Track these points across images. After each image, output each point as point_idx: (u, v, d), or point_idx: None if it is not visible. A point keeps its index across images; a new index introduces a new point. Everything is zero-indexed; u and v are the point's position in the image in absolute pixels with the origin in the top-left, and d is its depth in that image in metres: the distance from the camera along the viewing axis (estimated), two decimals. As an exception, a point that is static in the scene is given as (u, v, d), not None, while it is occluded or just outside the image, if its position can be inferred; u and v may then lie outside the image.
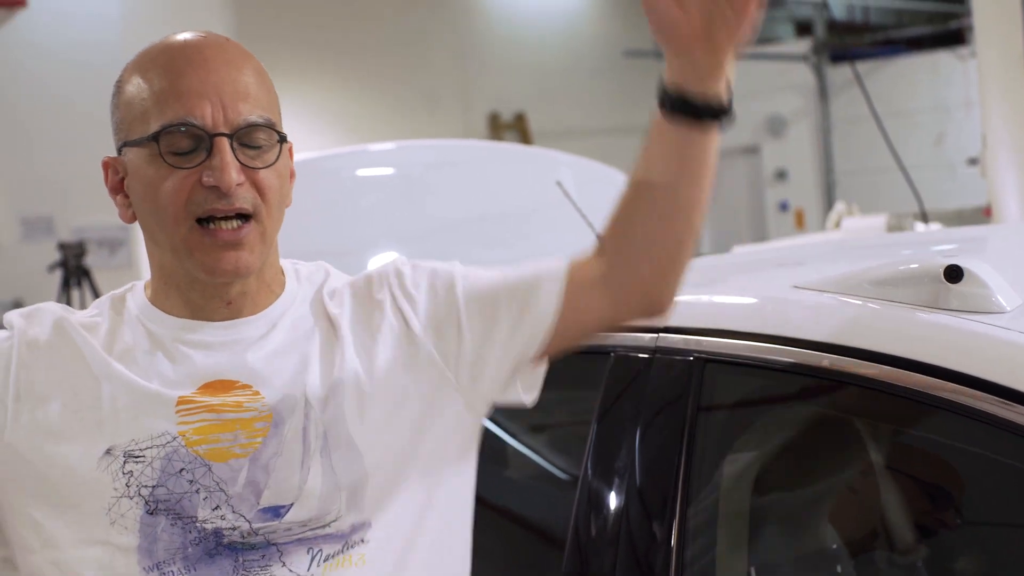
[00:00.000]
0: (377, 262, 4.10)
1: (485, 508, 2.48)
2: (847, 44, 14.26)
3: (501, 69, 13.76)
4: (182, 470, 1.48)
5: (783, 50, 14.35)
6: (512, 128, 13.90)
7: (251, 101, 1.51)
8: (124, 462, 1.48)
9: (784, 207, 14.66)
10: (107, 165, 1.57)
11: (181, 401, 1.49)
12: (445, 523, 1.60)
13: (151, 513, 1.48)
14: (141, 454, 1.48)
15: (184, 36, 1.55)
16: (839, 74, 14.13)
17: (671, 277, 1.59)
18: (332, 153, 4.80)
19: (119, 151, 1.54)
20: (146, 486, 1.48)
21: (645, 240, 1.57)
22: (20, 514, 1.51)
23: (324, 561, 1.50)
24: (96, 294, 8.92)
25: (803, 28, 15.36)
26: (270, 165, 1.50)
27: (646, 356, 1.92)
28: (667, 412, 1.86)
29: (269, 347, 1.54)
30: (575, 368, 2.20)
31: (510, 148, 4.58)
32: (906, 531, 1.69)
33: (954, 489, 1.67)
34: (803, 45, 14.43)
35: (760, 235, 14.22)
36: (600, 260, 1.59)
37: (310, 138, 11.74)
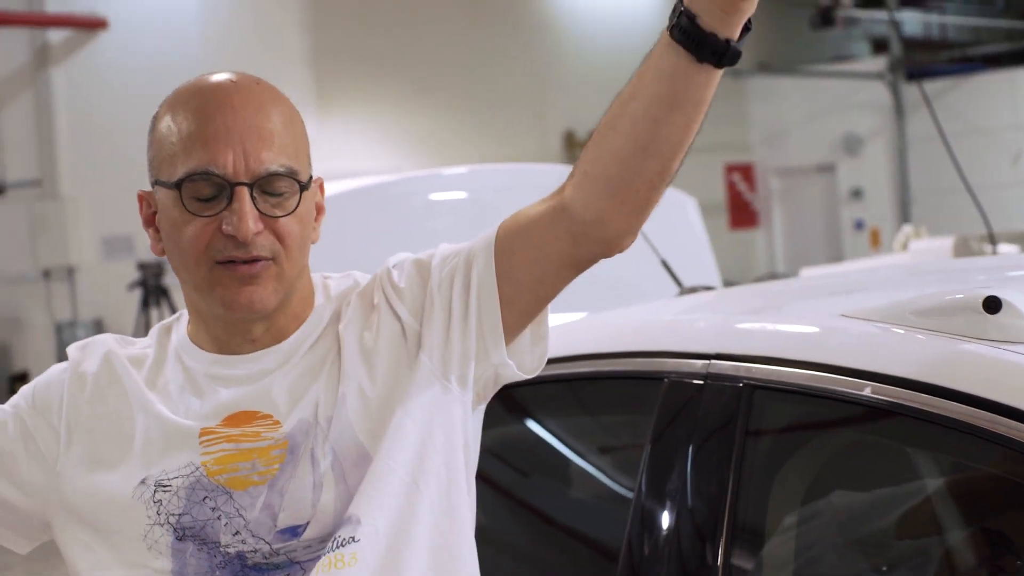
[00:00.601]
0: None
1: (546, 523, 2.55)
2: (923, 62, 14.17)
3: (576, 88, 13.82)
4: (205, 498, 1.54)
5: (858, 68, 14.30)
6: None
7: (275, 149, 1.53)
8: (155, 491, 1.56)
9: (859, 226, 14.57)
10: (141, 199, 1.61)
11: (203, 432, 1.55)
12: (444, 519, 1.57)
13: (180, 539, 1.55)
14: (169, 483, 1.55)
15: (217, 78, 1.57)
16: (915, 92, 14.05)
17: (636, 216, 1.52)
18: (405, 177, 4.90)
19: (153, 186, 1.58)
20: (174, 514, 1.55)
21: (616, 173, 1.48)
22: (72, 537, 1.60)
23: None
24: (174, 312, 9.08)
25: (879, 46, 15.27)
26: (289, 213, 1.52)
27: (698, 382, 1.97)
28: (717, 437, 1.91)
29: (291, 375, 1.58)
30: (630, 393, 2.27)
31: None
32: (950, 556, 1.73)
33: (998, 520, 1.71)
34: (879, 63, 14.36)
35: (835, 253, 14.15)
36: (564, 191, 1.51)
37: (385, 157, 11.88)
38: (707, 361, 1.97)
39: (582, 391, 2.37)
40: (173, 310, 9.39)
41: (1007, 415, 1.54)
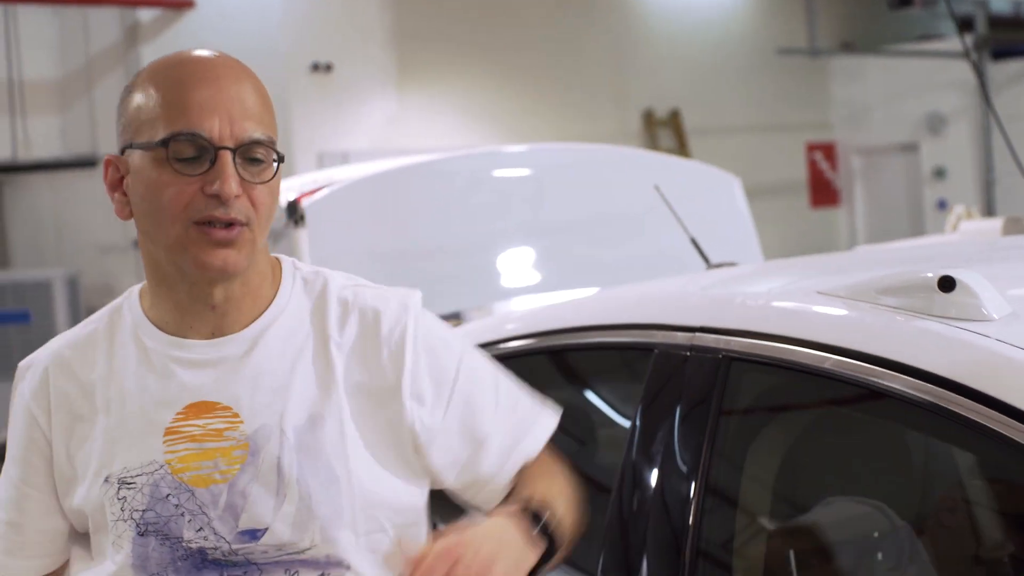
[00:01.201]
0: (505, 261, 4.31)
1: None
2: (1009, 40, 13.96)
3: (656, 67, 13.84)
4: (168, 495, 1.58)
5: (943, 47, 14.13)
6: (666, 125, 13.98)
7: (255, 120, 1.59)
8: (118, 488, 1.60)
9: (942, 205, 14.42)
10: (109, 163, 1.63)
11: (168, 432, 1.59)
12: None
13: (142, 535, 1.59)
14: (132, 481, 1.60)
15: (198, 53, 1.63)
16: (1000, 71, 13.87)
17: None
18: (464, 154, 5.01)
19: (122, 151, 1.61)
20: (137, 510, 1.59)
21: None
22: (86, 539, 1.69)
23: None
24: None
25: (965, 24, 15.06)
26: (266, 182, 1.59)
27: (684, 353, 2.09)
28: (698, 405, 2.02)
29: (252, 367, 1.61)
30: (626, 362, 2.39)
31: (628, 152, 4.72)
32: (892, 515, 1.83)
33: (945, 486, 1.80)
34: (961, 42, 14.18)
35: (917, 233, 14.01)
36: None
37: (463, 136, 12.01)
38: (691, 334, 2.08)
39: (588, 359, 2.50)
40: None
41: (952, 389, 1.63)
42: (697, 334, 2.07)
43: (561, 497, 1.67)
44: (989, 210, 13.80)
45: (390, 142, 11.21)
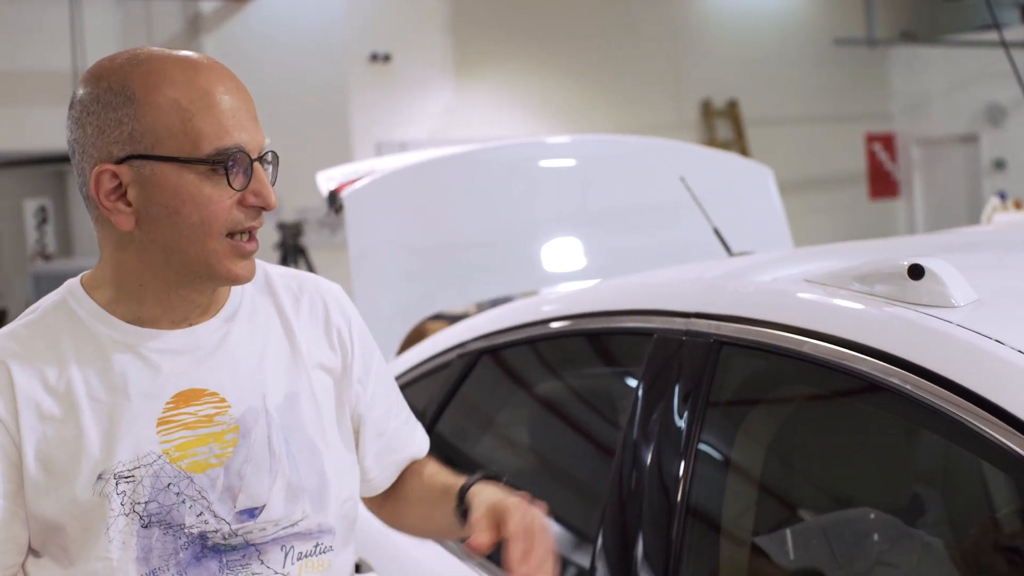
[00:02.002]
0: (541, 250, 4.41)
1: (550, 462, 2.79)
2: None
3: (714, 56, 13.85)
4: (169, 484, 1.61)
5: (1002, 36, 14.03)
6: (724, 115, 14.00)
7: (260, 125, 1.64)
8: (116, 483, 1.59)
9: (1002, 197, 14.33)
10: (103, 172, 1.58)
11: (160, 422, 1.61)
12: (354, 542, 1.81)
13: (146, 527, 1.60)
14: (131, 474, 1.59)
15: (195, 56, 1.63)
16: (1061, 62, 13.76)
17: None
18: (506, 144, 5.11)
19: (121, 160, 1.58)
20: (139, 503, 1.60)
21: (400, 521, 1.97)
22: (47, 546, 1.63)
23: (298, 559, 1.68)
24: (311, 271, 9.45)
25: (1028, 14, 14.94)
26: (273, 184, 1.64)
27: (680, 338, 2.19)
28: (691, 387, 2.12)
29: (228, 352, 1.68)
30: (628, 346, 2.49)
31: (664, 144, 4.80)
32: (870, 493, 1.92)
33: (901, 466, 1.89)
34: (1023, 31, 14.09)
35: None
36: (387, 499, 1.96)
37: (520, 125, 12.11)
38: (687, 319, 2.18)
39: (594, 344, 2.61)
40: (310, 268, 9.77)
41: (916, 373, 1.71)
42: (692, 319, 2.17)
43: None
44: (1050, 202, 13.67)
45: (448, 132, 11.33)
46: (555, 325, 2.68)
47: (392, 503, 1.96)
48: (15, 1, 10.41)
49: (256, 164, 1.61)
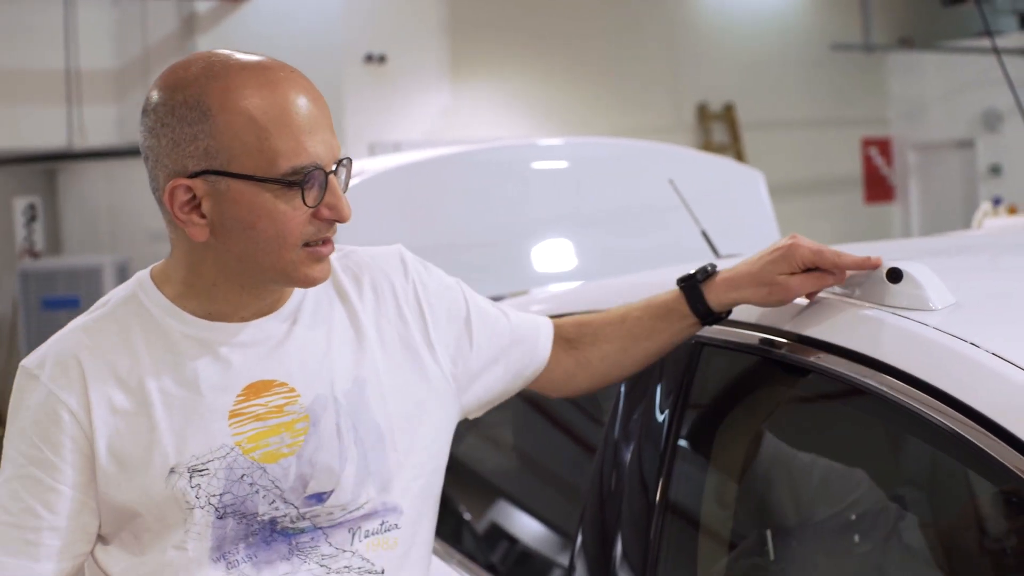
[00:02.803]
0: (533, 251, 4.42)
1: (529, 460, 2.79)
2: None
3: (711, 60, 13.87)
4: (243, 476, 1.65)
5: (1000, 43, 14.04)
6: (721, 119, 14.01)
7: (334, 133, 1.65)
8: (191, 477, 1.63)
9: (997, 203, 14.35)
10: (177, 187, 1.61)
11: (232, 415, 1.65)
12: (433, 516, 1.84)
13: (221, 517, 1.64)
14: (204, 467, 1.64)
15: (271, 66, 1.63)
16: (1058, 68, 13.77)
17: (602, 386, 2.03)
18: (498, 146, 5.12)
19: (195, 174, 1.60)
20: (214, 495, 1.64)
21: (603, 363, 1.99)
22: (119, 534, 1.68)
23: (365, 538, 1.71)
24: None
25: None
26: (344, 191, 1.65)
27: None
28: (673, 388, 2.12)
29: (295, 342, 1.71)
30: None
31: (656, 147, 4.81)
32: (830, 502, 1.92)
33: (889, 470, 1.90)
34: (1022, 38, 14.10)
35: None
36: (570, 344, 1.99)
37: (517, 126, 12.11)
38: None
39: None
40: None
41: (895, 376, 1.71)
42: (674, 321, 2.17)
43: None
44: (1045, 208, 13.70)
45: (443, 133, 11.33)
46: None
47: (581, 369, 2.00)
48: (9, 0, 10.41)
49: (331, 177, 1.63)
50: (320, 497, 1.69)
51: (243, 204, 1.60)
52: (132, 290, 1.73)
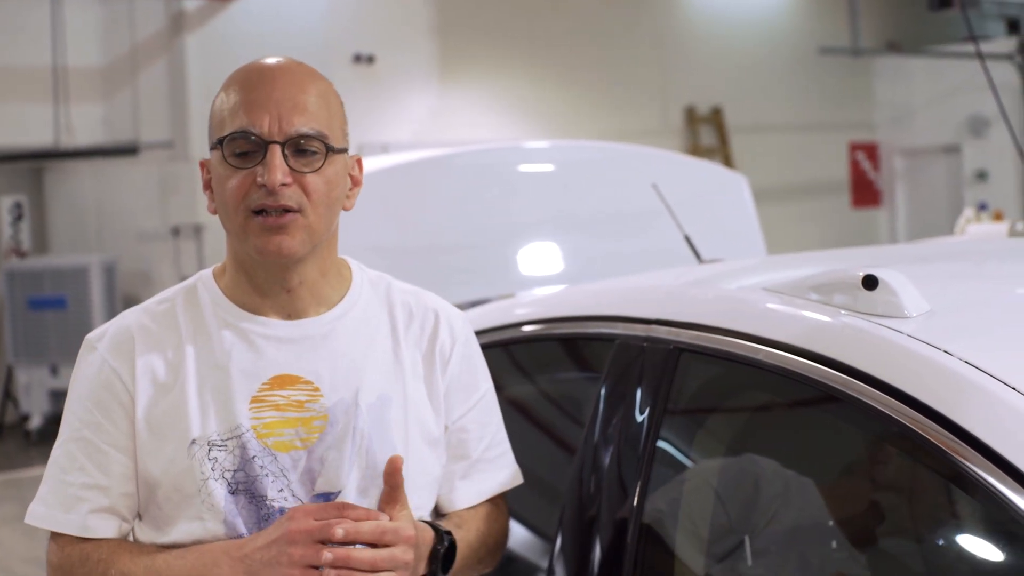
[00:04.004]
0: (517, 254, 4.43)
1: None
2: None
3: (699, 64, 13.90)
4: (254, 457, 1.75)
5: (986, 48, 14.10)
6: (708, 122, 14.05)
7: (307, 115, 1.76)
8: (209, 450, 1.74)
9: (983, 208, 14.41)
10: (203, 166, 1.84)
11: (254, 400, 1.76)
12: None
13: (232, 492, 1.74)
14: (223, 444, 1.75)
15: (267, 60, 1.81)
16: (1043, 74, 13.84)
17: None
18: (484, 148, 5.12)
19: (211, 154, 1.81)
20: (228, 470, 1.74)
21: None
22: (147, 506, 1.80)
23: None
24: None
25: (1013, 25, 15.01)
26: (316, 170, 1.75)
27: (641, 344, 2.20)
28: (651, 393, 2.14)
29: (332, 346, 1.81)
30: (593, 351, 2.50)
31: (640, 151, 4.82)
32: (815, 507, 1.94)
33: (861, 474, 1.91)
34: (1009, 44, 14.16)
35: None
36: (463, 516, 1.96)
37: (505, 128, 12.12)
38: (648, 326, 2.20)
39: (561, 349, 2.62)
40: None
41: (870, 383, 1.72)
42: (653, 326, 2.18)
43: (479, 542, 1.93)
44: (1030, 213, 13.76)
45: (431, 134, 11.35)
46: (525, 329, 2.70)
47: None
48: (-2, -3, 10.39)
49: (271, 147, 1.74)
50: (327, 497, 1.76)
51: (214, 174, 1.80)
52: (193, 283, 1.88)
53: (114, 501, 1.78)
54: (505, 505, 2.03)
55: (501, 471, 2.00)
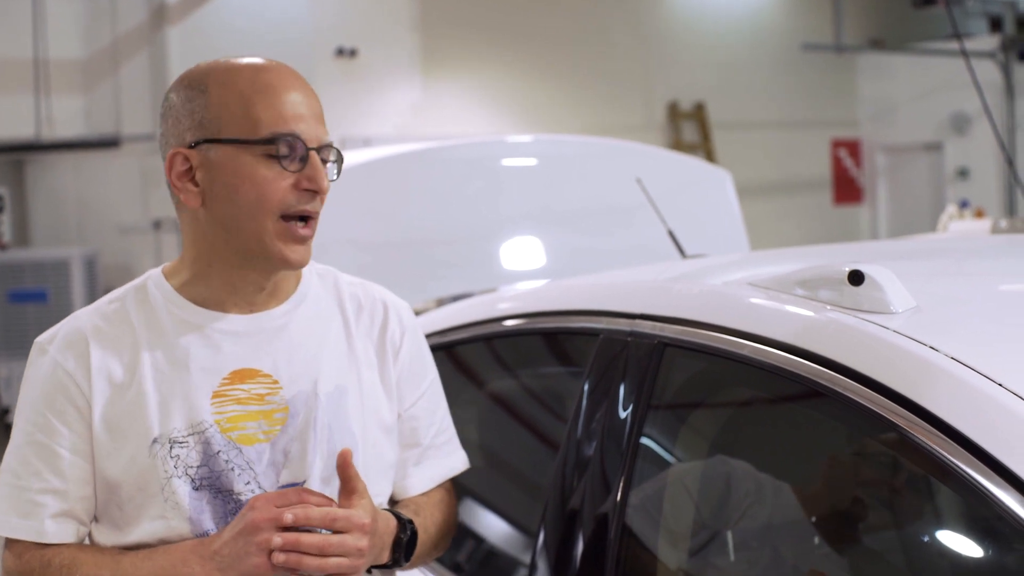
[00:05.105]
0: (499, 249, 4.41)
1: (498, 455, 2.80)
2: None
3: (682, 59, 13.89)
4: (219, 452, 1.76)
5: (969, 46, 14.13)
6: (691, 118, 14.04)
7: (324, 124, 1.80)
8: (171, 448, 1.75)
9: (964, 205, 14.45)
10: (176, 155, 1.77)
11: (215, 395, 1.77)
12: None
13: (196, 489, 1.75)
14: (184, 440, 1.75)
15: (266, 61, 1.80)
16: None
17: None
18: (467, 142, 5.11)
19: (192, 145, 1.76)
20: (191, 466, 1.75)
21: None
22: (106, 507, 1.79)
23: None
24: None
25: (996, 24, 15.05)
26: (333, 181, 1.79)
27: (625, 339, 2.20)
28: (635, 388, 2.13)
29: (287, 339, 1.82)
30: (576, 345, 2.49)
31: (623, 145, 4.82)
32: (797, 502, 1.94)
33: (846, 473, 1.91)
34: (991, 41, 14.19)
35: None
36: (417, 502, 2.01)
37: (488, 123, 12.10)
38: (632, 320, 2.19)
39: (544, 343, 2.61)
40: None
41: (855, 379, 1.71)
42: (637, 320, 2.18)
43: (436, 528, 1.98)
44: (1011, 211, 13.80)
45: (413, 129, 11.32)
46: (508, 323, 2.69)
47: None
48: (-21, -12, 10.33)
49: (312, 153, 1.76)
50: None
51: (229, 169, 1.74)
52: (143, 281, 1.87)
53: (72, 505, 1.77)
54: (454, 490, 2.08)
55: (450, 456, 2.04)
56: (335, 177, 1.80)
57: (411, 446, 1.97)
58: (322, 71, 10.84)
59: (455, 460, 2.05)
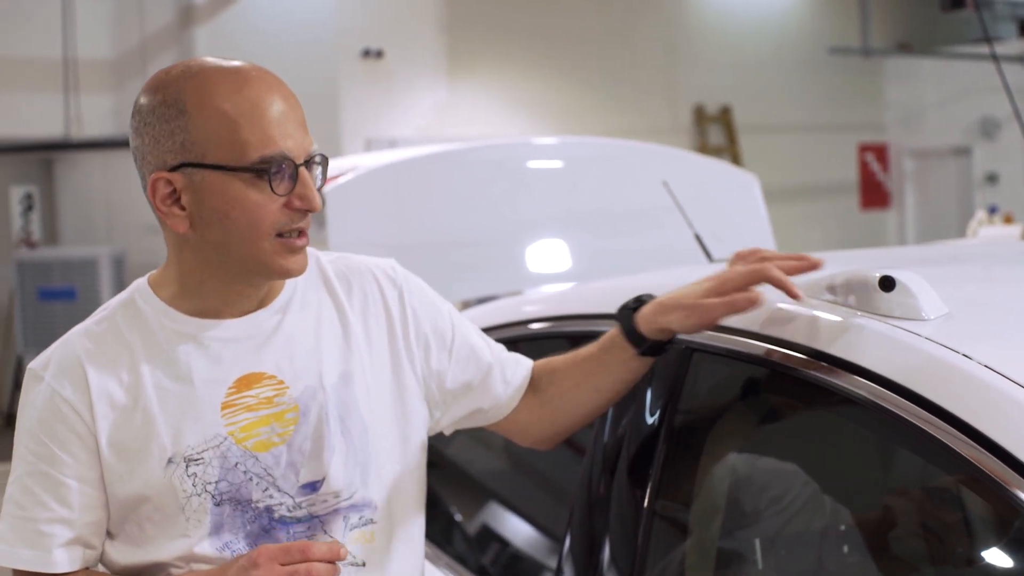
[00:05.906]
0: (535, 250, 4.40)
1: (516, 464, 2.79)
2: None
3: (708, 62, 13.86)
4: (236, 464, 1.74)
5: (998, 50, 14.05)
6: (717, 121, 14.01)
7: (306, 129, 1.74)
8: (187, 466, 1.72)
9: (993, 211, 14.36)
10: (158, 179, 1.70)
11: (224, 406, 1.74)
12: (415, 515, 1.92)
13: (218, 504, 1.73)
14: (199, 456, 1.73)
15: (243, 65, 1.73)
16: (1055, 77, 13.78)
17: (565, 430, 2.07)
18: (493, 144, 5.10)
19: (174, 168, 1.69)
20: (210, 483, 1.73)
21: (561, 401, 2.03)
22: (123, 526, 1.77)
23: (349, 531, 1.80)
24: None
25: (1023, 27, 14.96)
26: (320, 188, 1.75)
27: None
28: (663, 393, 2.12)
29: (284, 336, 1.80)
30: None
31: (651, 148, 4.80)
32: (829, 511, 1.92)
33: (875, 476, 1.89)
34: (1020, 45, 14.10)
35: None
36: (533, 385, 2.04)
37: (513, 125, 12.09)
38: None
39: (570, 346, 2.59)
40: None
41: (886, 387, 1.69)
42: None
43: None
44: (1039, 217, 13.71)
45: (439, 130, 11.32)
46: (533, 326, 2.68)
47: (544, 410, 2.03)
48: (8, -13, 10.38)
49: (302, 169, 1.71)
50: (314, 486, 1.77)
51: (217, 194, 1.69)
52: (130, 295, 1.81)
53: (80, 531, 1.75)
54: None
55: (519, 360, 2.05)
56: (321, 183, 1.75)
57: (486, 367, 1.97)
58: (348, 72, 10.85)
59: (524, 360, 2.06)
